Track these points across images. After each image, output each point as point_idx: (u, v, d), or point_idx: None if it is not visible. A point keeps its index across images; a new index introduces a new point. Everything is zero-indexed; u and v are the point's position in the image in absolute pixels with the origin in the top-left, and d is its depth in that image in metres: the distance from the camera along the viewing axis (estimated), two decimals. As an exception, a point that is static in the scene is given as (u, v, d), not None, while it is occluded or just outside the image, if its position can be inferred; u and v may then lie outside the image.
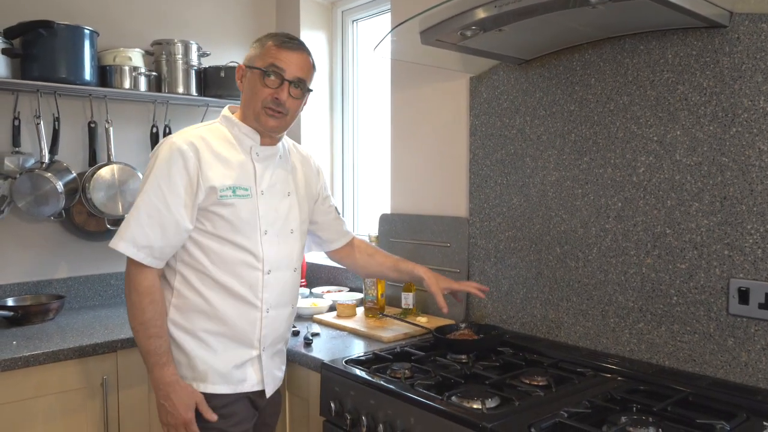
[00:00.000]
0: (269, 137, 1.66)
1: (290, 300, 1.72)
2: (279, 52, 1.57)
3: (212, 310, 1.58)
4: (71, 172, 2.45)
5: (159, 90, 2.65)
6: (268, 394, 1.69)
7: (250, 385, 1.64)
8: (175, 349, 1.59)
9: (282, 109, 1.59)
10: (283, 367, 1.77)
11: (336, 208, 1.94)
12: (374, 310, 2.29)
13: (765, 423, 1.32)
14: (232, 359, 1.61)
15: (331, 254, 1.98)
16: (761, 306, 1.47)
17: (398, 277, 1.93)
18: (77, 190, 2.45)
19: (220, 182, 1.55)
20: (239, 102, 1.66)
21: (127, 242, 1.50)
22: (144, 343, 1.53)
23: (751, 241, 1.49)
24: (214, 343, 1.59)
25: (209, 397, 1.58)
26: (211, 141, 1.59)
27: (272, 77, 1.57)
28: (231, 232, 1.57)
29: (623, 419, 1.32)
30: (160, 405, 1.54)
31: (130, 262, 1.53)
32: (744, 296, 1.50)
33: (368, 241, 2.29)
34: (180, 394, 1.53)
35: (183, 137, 1.56)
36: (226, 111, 1.68)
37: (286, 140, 1.77)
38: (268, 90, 1.57)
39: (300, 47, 1.61)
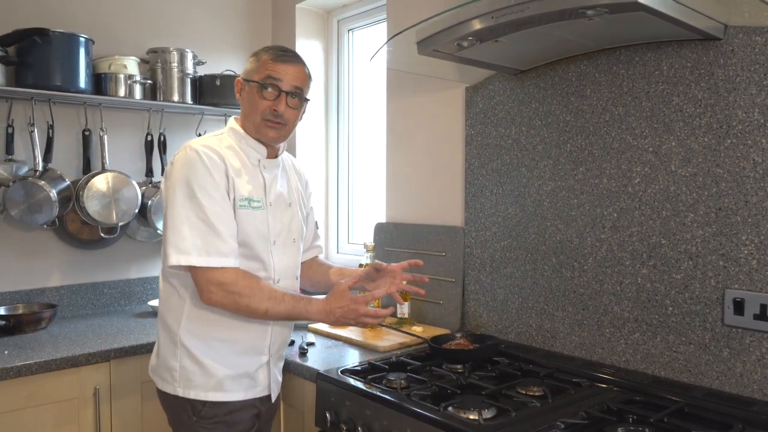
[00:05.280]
0: (273, 150, 1.70)
1: None
2: (275, 65, 1.60)
3: (225, 320, 1.60)
4: (65, 180, 2.43)
5: (154, 98, 2.64)
6: (273, 398, 1.73)
7: (260, 390, 1.68)
8: (189, 361, 1.59)
9: (281, 119, 1.62)
10: (281, 370, 1.80)
11: (317, 222, 1.98)
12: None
13: (761, 434, 1.33)
14: (245, 366, 1.64)
15: None
16: (756, 317, 1.48)
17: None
18: (71, 198, 2.44)
19: (240, 192, 1.59)
20: (239, 112, 1.68)
21: (224, 256, 1.51)
22: (281, 309, 1.54)
23: (746, 251, 1.50)
24: (227, 351, 1.61)
25: (220, 405, 1.60)
26: (225, 151, 1.60)
27: (270, 89, 1.60)
28: (246, 243, 1.59)
29: (620, 430, 1.31)
30: (340, 323, 1.59)
31: (202, 271, 1.50)
32: (739, 307, 1.51)
33: (364, 249, 2.30)
34: (339, 302, 1.56)
35: (205, 145, 1.57)
36: (233, 123, 1.68)
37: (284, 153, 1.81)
38: (267, 102, 1.60)
39: (295, 59, 1.64)
